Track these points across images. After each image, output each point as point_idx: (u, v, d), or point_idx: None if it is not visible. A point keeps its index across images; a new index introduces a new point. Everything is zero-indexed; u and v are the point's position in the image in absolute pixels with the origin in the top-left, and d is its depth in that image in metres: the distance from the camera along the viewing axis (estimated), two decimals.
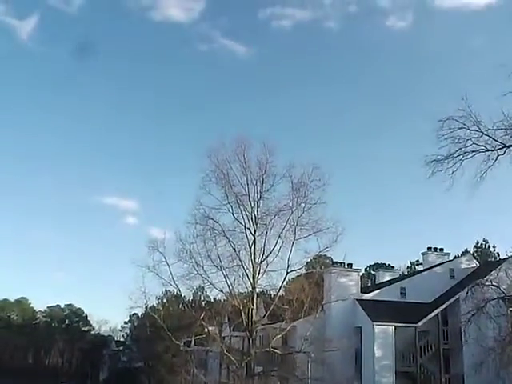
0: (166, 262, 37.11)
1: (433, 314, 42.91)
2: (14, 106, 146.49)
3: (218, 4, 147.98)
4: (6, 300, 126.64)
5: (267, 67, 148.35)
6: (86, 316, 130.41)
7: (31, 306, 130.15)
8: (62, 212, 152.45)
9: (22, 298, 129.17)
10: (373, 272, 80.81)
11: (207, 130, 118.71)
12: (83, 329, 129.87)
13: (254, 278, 36.60)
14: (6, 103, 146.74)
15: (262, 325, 38.86)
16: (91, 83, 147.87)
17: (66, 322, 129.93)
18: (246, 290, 38.07)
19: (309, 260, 41.68)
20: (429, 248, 52.81)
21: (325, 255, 44.75)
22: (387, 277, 58.04)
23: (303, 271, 40.84)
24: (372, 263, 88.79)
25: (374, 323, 41.74)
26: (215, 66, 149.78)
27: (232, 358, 37.55)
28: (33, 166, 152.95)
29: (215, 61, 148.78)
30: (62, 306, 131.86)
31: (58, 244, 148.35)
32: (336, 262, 46.27)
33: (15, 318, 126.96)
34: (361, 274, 52.45)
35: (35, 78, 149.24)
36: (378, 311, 43.25)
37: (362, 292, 46.81)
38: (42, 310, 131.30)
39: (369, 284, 72.00)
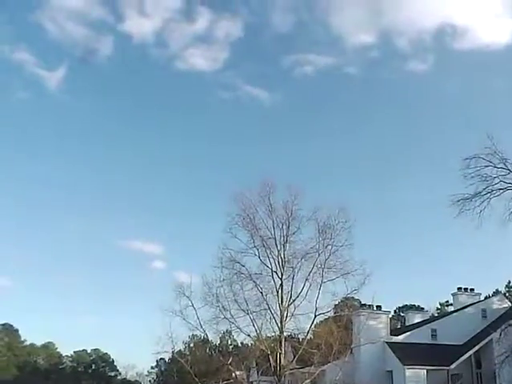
0: (193, 306, 37.13)
1: (465, 356, 41.94)
2: (41, 155, 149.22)
3: (241, 52, 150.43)
4: (32, 345, 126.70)
5: (291, 113, 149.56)
6: (113, 361, 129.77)
7: (58, 350, 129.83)
8: (89, 257, 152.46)
9: (48, 342, 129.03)
10: (402, 314, 79.54)
11: (232, 174, 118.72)
12: (110, 374, 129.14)
13: (281, 322, 36.19)
14: (34, 152, 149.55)
15: (291, 369, 38.13)
16: (117, 132, 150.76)
17: (93, 366, 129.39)
18: (273, 333, 37.69)
19: (337, 303, 41.27)
20: (459, 288, 51.96)
21: (353, 298, 44.21)
22: (417, 318, 56.96)
23: (331, 314, 40.34)
24: (401, 305, 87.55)
25: (405, 367, 40.87)
26: (239, 113, 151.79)
27: None
28: (60, 212, 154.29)
29: (239, 108, 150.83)
30: (89, 351, 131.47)
31: (85, 289, 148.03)
32: (364, 305, 45.68)
33: (42, 362, 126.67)
34: (390, 316, 51.62)
35: (63, 127, 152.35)
36: (409, 354, 42.36)
37: (391, 335, 46.00)
38: (69, 354, 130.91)
39: (398, 326, 70.72)
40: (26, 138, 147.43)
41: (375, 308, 45.69)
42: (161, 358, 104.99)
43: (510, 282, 75.13)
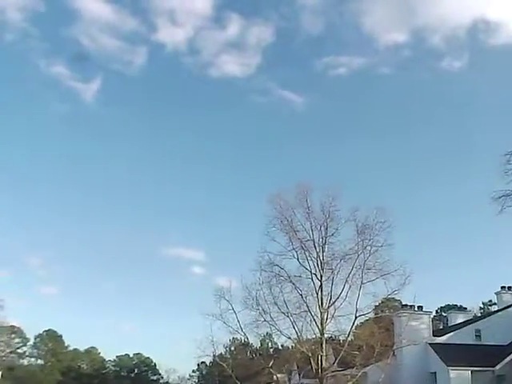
0: (233, 309, 37.39)
1: (510, 356, 41.05)
2: (80, 162, 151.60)
3: (273, 57, 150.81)
4: (76, 350, 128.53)
5: (324, 116, 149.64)
6: (155, 365, 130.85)
7: (100, 355, 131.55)
8: (130, 263, 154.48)
9: (91, 347, 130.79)
10: (444, 314, 78.52)
11: (269, 178, 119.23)
12: (152, 378, 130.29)
13: (322, 324, 36.00)
14: (73, 160, 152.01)
15: (332, 372, 37.84)
16: (152, 140, 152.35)
17: (135, 371, 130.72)
18: (314, 336, 37.54)
19: (377, 304, 40.89)
20: (503, 287, 50.94)
21: (393, 298, 43.78)
22: (460, 319, 55.94)
23: (372, 315, 40.04)
24: (443, 305, 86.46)
25: (449, 368, 40.12)
26: (273, 117, 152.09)
27: None
28: (101, 220, 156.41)
29: (273, 112, 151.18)
30: (131, 355, 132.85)
31: (126, 295, 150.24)
32: (405, 305, 45.01)
33: (85, 367, 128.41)
34: (432, 316, 50.84)
35: (100, 136, 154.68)
36: (453, 355, 41.63)
37: (434, 335, 45.21)
38: (111, 359, 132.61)
39: (441, 327, 69.76)
40: (63, 147, 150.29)
41: (416, 308, 44.99)
42: (202, 362, 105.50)
43: None
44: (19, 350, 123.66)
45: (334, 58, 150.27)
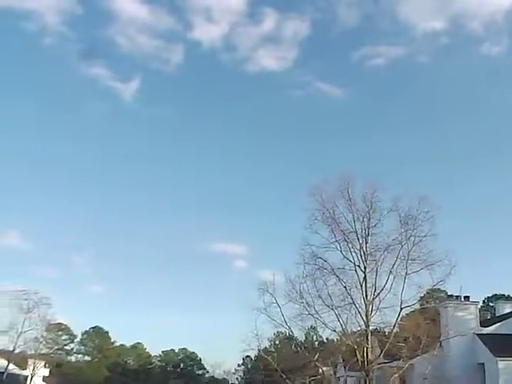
0: (277, 303, 37.38)
1: None
2: (122, 161, 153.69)
3: (310, 50, 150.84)
4: (122, 346, 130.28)
5: (363, 106, 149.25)
6: (200, 359, 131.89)
7: (146, 351, 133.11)
8: (173, 259, 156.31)
9: (137, 343, 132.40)
10: (491, 304, 77.21)
11: (309, 170, 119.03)
12: (198, 372, 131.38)
13: (366, 316, 35.68)
14: (115, 159, 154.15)
15: (378, 364, 37.48)
16: (191, 137, 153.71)
17: (181, 365, 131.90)
18: (359, 328, 37.26)
19: (422, 295, 40.37)
20: None
21: (439, 289, 43.21)
22: (508, 308, 54.86)
23: (417, 307, 39.58)
24: (490, 295, 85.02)
25: (498, 359, 39.37)
26: (311, 110, 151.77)
27: None
28: (144, 217, 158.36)
29: (311, 105, 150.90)
30: (176, 351, 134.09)
31: (170, 290, 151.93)
32: (451, 296, 44.39)
33: (131, 363, 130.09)
34: (479, 306, 49.98)
35: (140, 135, 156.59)
36: (501, 346, 40.79)
37: (481, 326, 44.46)
38: (157, 354, 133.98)
39: (488, 317, 68.63)
40: (104, 146, 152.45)
41: (463, 299, 44.28)
42: (247, 356, 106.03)
43: None
44: (67, 347, 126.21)
45: (371, 49, 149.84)
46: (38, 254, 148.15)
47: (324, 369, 40.20)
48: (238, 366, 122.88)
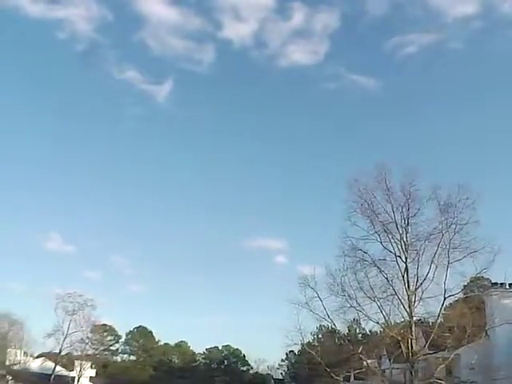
0: (319, 297, 37.23)
1: None
2: (161, 162, 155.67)
3: (341, 42, 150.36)
4: (167, 344, 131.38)
5: (396, 96, 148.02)
6: (244, 356, 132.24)
7: (191, 349, 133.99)
8: (213, 257, 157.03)
9: (181, 341, 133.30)
10: None
11: (346, 162, 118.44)
12: (242, 369, 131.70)
13: (409, 307, 35.29)
14: (151, 161, 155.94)
15: (423, 355, 37.00)
16: (225, 132, 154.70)
17: (225, 362, 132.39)
18: (402, 319, 36.85)
19: (466, 283, 39.80)
20: None
21: (483, 277, 42.43)
22: None
23: (461, 296, 38.98)
24: None
25: None
26: (346, 102, 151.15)
27: None
28: (184, 215, 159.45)
29: (345, 97, 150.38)
30: (220, 348, 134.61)
31: (211, 288, 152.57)
32: (496, 283, 43.66)
33: (176, 361, 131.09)
34: None
35: (177, 136, 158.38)
36: None
37: None
38: (201, 352, 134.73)
39: None
40: (140, 149, 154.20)
41: (508, 286, 43.57)
42: (290, 351, 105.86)
43: None
44: (112, 348, 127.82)
45: (402, 37, 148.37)
46: (80, 257, 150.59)
47: (368, 361, 39.81)
48: (282, 361, 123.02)
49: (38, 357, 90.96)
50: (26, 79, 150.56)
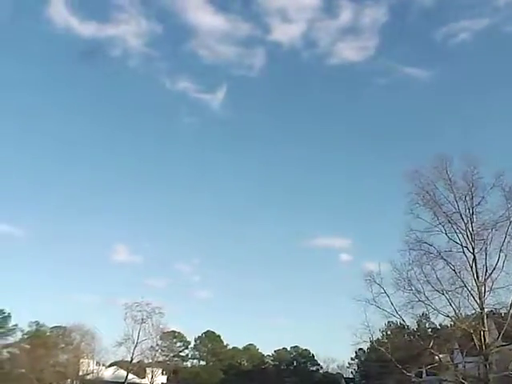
0: (386, 293, 36.78)
1: None
2: (216, 169, 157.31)
3: (390, 36, 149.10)
4: (235, 348, 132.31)
5: (451, 85, 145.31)
6: (313, 356, 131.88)
7: (259, 351, 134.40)
8: (276, 259, 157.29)
9: (249, 344, 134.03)
10: None
11: (406, 155, 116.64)
12: (311, 369, 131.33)
13: (480, 298, 34.44)
14: (209, 167, 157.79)
15: (497, 347, 35.99)
16: (287, 135, 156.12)
17: (294, 363, 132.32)
18: (473, 311, 35.99)
19: None
20: None
21: None
22: None
23: None
24: None
25: None
26: (400, 96, 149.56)
27: None
28: (243, 221, 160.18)
29: (399, 91, 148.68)
30: (288, 349, 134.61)
31: (278, 290, 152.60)
32: None
33: (245, 364, 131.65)
34: None
35: (231, 142, 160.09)
36: None
37: None
38: (270, 354, 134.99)
39: None
40: (197, 154, 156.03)
41: None
42: (360, 349, 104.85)
43: None
44: (182, 354, 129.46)
45: (453, 25, 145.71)
46: (147, 266, 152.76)
47: (440, 356, 39.06)
48: (352, 359, 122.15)
49: (110, 365, 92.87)
50: (86, 97, 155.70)
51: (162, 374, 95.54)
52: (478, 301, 34.45)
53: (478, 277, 34.57)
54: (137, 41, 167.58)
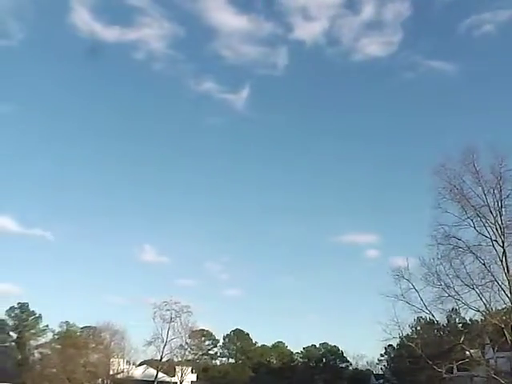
0: (414, 288, 36.65)
1: None
2: (242, 168, 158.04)
3: (414, 29, 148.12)
4: (264, 346, 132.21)
5: (479, 77, 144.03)
6: (342, 353, 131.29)
7: (288, 348, 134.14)
8: (303, 256, 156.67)
9: (278, 342, 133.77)
10: None
11: (431, 150, 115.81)
12: (341, 366, 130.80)
13: (511, 292, 33.99)
14: (234, 167, 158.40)
15: None
16: (310, 133, 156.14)
17: (323, 360, 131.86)
18: (504, 306, 35.58)
19: None
20: None
21: None
22: None
23: None
24: None
25: None
26: (426, 90, 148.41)
27: (502, 382, 34.87)
28: (272, 216, 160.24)
29: (424, 84, 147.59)
30: (318, 346, 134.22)
31: (306, 287, 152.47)
32: None
33: (274, 361, 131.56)
34: None
35: (257, 141, 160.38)
36: None
37: None
38: (299, 351, 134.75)
39: None
40: (224, 156, 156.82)
41: None
42: (389, 345, 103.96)
43: None
44: (211, 352, 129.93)
45: (477, 17, 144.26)
46: (175, 266, 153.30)
47: (471, 351, 38.62)
48: (381, 355, 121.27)
49: (140, 364, 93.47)
50: (111, 101, 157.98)
51: (192, 372, 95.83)
52: (509, 295, 34.10)
53: (508, 270, 34.21)
54: (160, 43, 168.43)
